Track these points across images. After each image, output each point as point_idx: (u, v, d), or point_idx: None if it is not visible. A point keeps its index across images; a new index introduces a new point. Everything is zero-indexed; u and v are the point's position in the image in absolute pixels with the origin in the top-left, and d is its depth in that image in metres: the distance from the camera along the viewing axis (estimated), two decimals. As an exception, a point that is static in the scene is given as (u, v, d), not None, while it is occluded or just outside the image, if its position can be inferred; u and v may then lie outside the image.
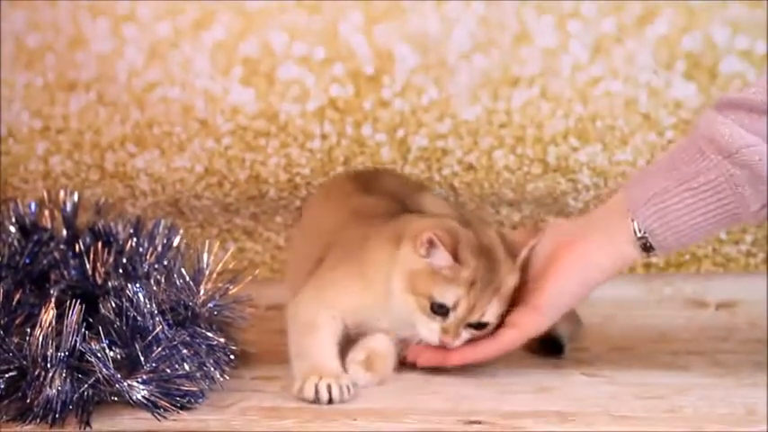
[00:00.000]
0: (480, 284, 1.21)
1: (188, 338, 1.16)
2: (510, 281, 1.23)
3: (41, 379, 1.08)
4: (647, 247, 1.19)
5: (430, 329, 1.22)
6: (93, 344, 1.10)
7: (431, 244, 1.20)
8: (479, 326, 1.23)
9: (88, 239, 1.31)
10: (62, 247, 1.31)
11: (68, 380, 1.08)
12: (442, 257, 1.20)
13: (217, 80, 1.53)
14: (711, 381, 1.22)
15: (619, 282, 1.52)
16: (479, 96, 1.53)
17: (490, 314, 1.22)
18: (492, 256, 1.22)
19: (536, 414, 1.11)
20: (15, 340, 1.12)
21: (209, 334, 1.19)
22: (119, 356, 1.12)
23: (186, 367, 1.13)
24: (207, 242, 1.25)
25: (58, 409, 1.07)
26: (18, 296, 1.22)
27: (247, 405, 1.15)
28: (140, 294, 1.14)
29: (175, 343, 1.13)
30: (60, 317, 1.11)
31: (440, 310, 1.21)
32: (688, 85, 1.50)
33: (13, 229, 1.32)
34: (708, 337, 1.43)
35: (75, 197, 1.35)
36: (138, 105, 1.55)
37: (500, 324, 1.23)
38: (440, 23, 1.50)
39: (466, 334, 1.23)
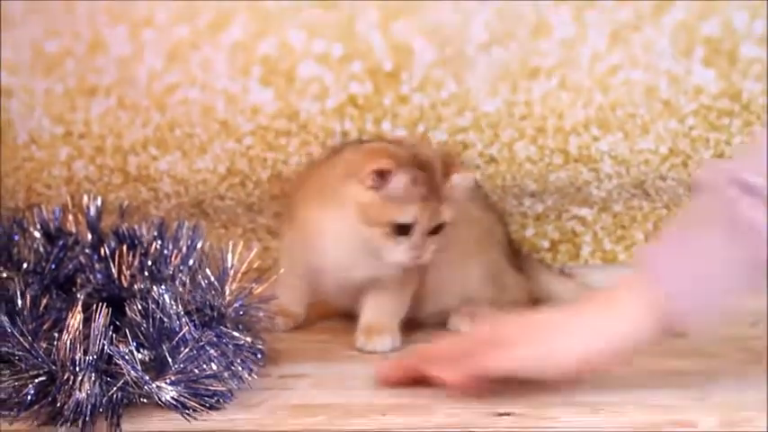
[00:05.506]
0: (430, 193, 1.26)
1: (215, 339, 1.16)
2: (452, 180, 1.29)
3: (71, 383, 1.08)
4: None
5: (399, 251, 1.27)
6: (120, 347, 1.10)
7: (380, 175, 1.25)
8: (437, 229, 1.28)
9: (113, 243, 1.31)
10: (87, 251, 1.31)
11: (97, 383, 1.08)
12: (393, 183, 1.25)
13: (236, 80, 1.53)
14: (741, 367, 1.22)
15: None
16: (499, 89, 1.52)
17: (446, 214, 1.28)
18: (431, 165, 1.28)
19: (566, 404, 1.11)
20: (44, 345, 1.12)
21: (236, 334, 1.19)
22: (147, 358, 1.12)
23: (214, 367, 1.14)
24: (231, 242, 1.25)
25: (88, 412, 1.07)
26: (45, 301, 1.22)
27: (276, 403, 1.15)
28: (166, 296, 1.15)
29: (202, 343, 1.13)
30: (87, 321, 1.11)
31: (402, 230, 1.26)
32: (707, 71, 1.49)
33: (37, 234, 1.32)
34: (736, 321, 1.42)
35: (99, 201, 1.36)
36: (159, 108, 1.56)
37: None
38: (457, 16, 1.50)
39: (431, 244, 1.28)
